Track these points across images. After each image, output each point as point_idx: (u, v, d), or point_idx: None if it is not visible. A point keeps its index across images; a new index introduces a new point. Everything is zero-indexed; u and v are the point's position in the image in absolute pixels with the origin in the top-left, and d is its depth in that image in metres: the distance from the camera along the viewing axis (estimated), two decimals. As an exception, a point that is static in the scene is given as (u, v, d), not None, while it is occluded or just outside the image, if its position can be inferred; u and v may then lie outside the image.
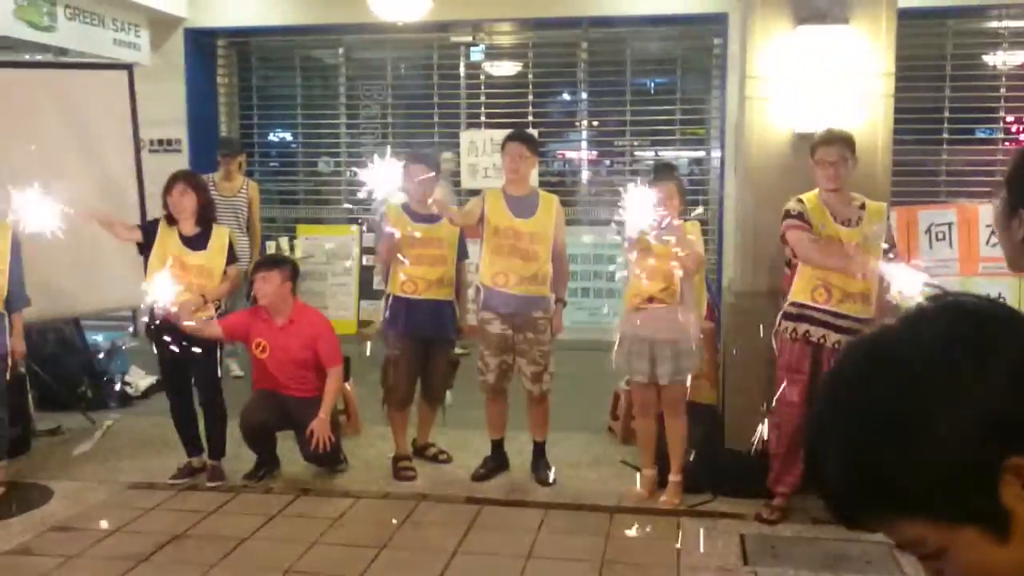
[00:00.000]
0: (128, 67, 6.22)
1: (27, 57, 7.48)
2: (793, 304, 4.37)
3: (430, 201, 4.83)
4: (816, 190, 4.36)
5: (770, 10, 4.80)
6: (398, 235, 4.90)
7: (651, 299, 4.52)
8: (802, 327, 4.33)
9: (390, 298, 5.09)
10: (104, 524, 4.46)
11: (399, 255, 4.96)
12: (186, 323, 4.75)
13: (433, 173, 5.14)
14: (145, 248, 4.94)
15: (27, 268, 4.92)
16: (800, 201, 4.38)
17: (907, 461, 0.84)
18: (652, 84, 9.26)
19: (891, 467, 0.85)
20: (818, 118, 4.65)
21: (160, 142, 8.53)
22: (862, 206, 4.36)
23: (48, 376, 6.22)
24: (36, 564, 4.04)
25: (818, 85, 4.71)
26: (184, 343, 4.86)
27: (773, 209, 4.52)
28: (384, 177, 4.29)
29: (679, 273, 4.45)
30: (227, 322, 5.01)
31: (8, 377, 4.87)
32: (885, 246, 4.29)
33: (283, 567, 3.98)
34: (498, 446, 5.17)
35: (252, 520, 4.52)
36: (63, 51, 7.53)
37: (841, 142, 4.30)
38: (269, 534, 4.39)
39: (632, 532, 4.36)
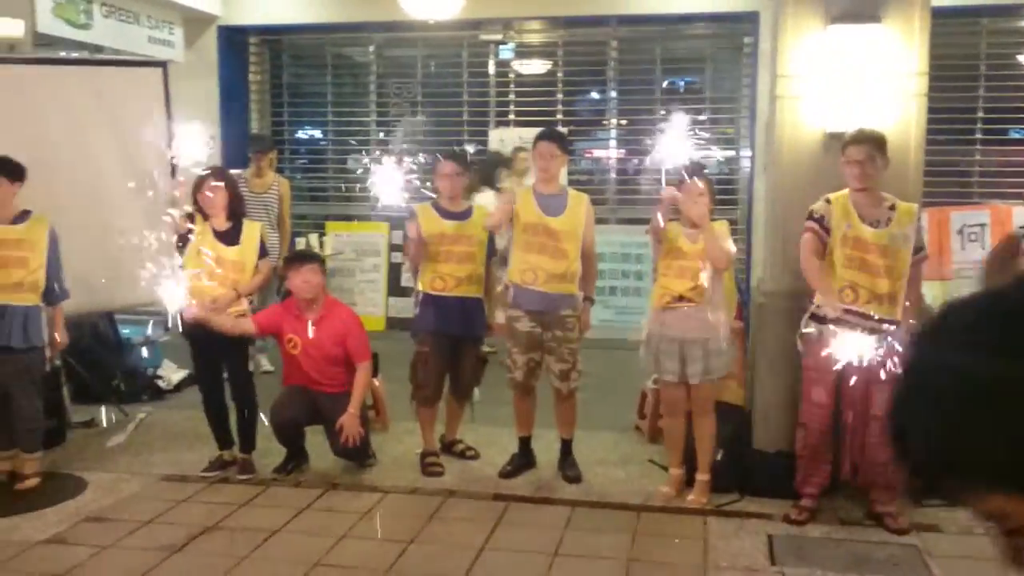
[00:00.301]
0: (163, 64, 6.30)
1: (63, 54, 7.60)
2: (820, 306, 4.36)
3: (490, 222, 4.90)
4: (847, 189, 4.35)
5: (802, 9, 4.77)
6: (426, 232, 4.94)
7: (680, 298, 4.53)
8: (828, 329, 4.31)
9: (420, 295, 5.13)
10: (137, 515, 4.53)
11: (427, 249, 5.00)
12: (219, 321, 4.81)
13: (463, 170, 5.19)
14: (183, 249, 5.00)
15: (64, 263, 4.99)
16: (827, 201, 4.37)
17: (1008, 433, 0.79)
18: (682, 83, 9.24)
19: (989, 438, 0.80)
20: (850, 117, 4.62)
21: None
22: (892, 207, 4.33)
23: (82, 369, 6.32)
24: (70, 554, 4.11)
25: (850, 84, 4.68)
26: (216, 338, 4.92)
27: (803, 209, 4.50)
28: (390, 181, 4.38)
29: (707, 272, 4.46)
30: (259, 317, 5.07)
31: (46, 369, 4.96)
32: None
33: (313, 560, 4.03)
34: (525, 443, 5.19)
35: (282, 513, 4.57)
36: (98, 48, 7.65)
37: (870, 141, 4.28)
38: (299, 527, 4.44)
39: (659, 531, 4.37)
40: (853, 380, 4.28)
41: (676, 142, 4.30)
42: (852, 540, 4.26)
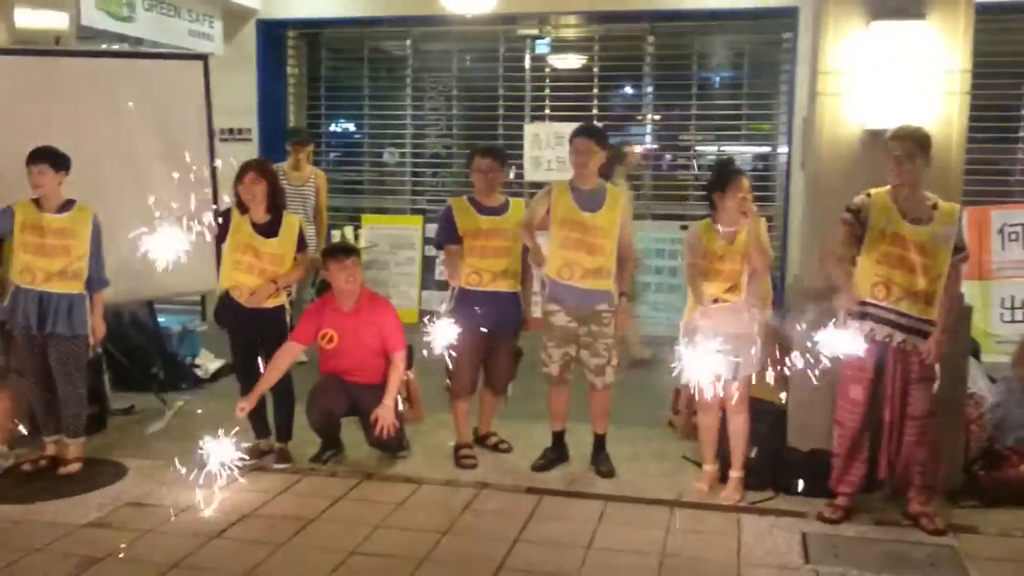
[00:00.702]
0: (203, 57, 6.37)
1: (104, 47, 7.72)
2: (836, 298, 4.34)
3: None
4: (889, 186, 4.32)
5: (843, 5, 4.73)
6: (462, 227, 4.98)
7: (716, 300, 4.52)
8: (866, 325, 4.29)
9: (455, 289, 5.16)
10: (176, 501, 4.60)
11: (463, 244, 5.04)
12: (273, 374, 4.97)
13: (499, 166, 5.20)
14: (220, 237, 5.06)
15: (104, 252, 5.07)
16: (868, 195, 4.34)
17: None
18: (718, 78, 9.20)
19: None
20: (890, 115, 4.59)
21: (231, 131, 8.73)
22: (935, 206, 4.30)
23: (122, 357, 6.43)
24: (112, 537, 4.18)
25: (891, 81, 4.64)
26: (254, 328, 4.99)
27: (841, 206, 4.47)
28: None
29: (746, 274, 4.45)
30: (298, 334, 5.10)
31: (89, 356, 5.05)
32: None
33: (349, 548, 4.08)
34: (559, 437, 5.20)
35: (318, 502, 4.62)
36: (139, 41, 7.76)
37: (911, 138, 4.24)
38: (335, 516, 4.49)
39: (692, 527, 4.37)
40: (890, 381, 4.27)
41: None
42: (888, 540, 4.24)
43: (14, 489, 4.77)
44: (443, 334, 4.80)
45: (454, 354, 5.11)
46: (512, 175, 8.94)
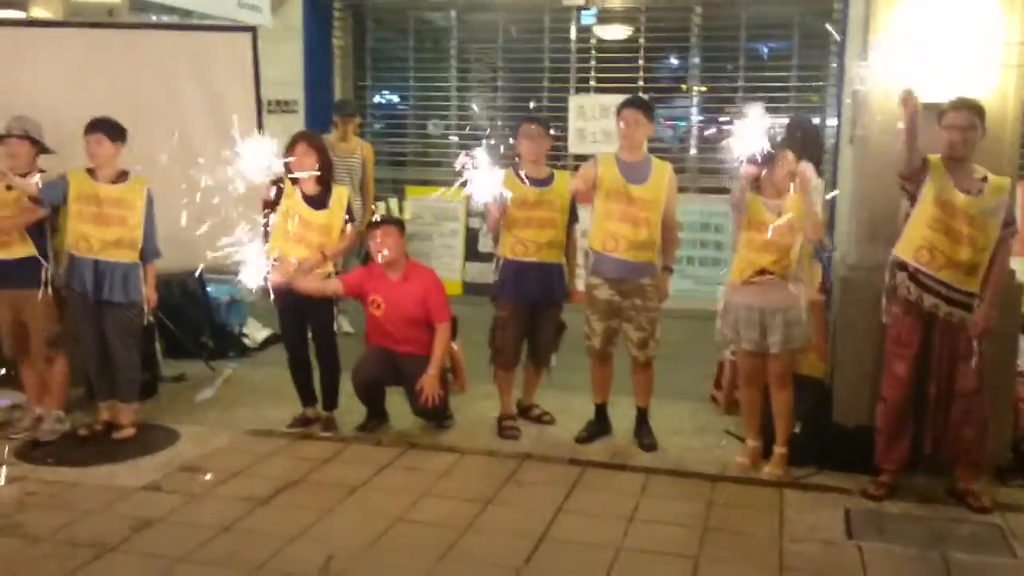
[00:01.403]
0: (252, 29, 6.42)
1: (154, 19, 7.81)
2: (898, 260, 4.30)
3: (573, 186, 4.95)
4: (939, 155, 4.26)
5: (897, -25, 4.65)
6: (509, 196, 4.96)
7: (762, 271, 4.49)
8: (915, 289, 4.24)
9: (500, 261, 5.18)
10: (226, 467, 4.72)
11: (509, 215, 5.04)
12: (304, 283, 4.94)
13: (546, 133, 5.20)
14: (271, 208, 5.13)
15: (156, 223, 5.17)
16: (924, 161, 4.27)
17: None
18: (766, 49, 9.06)
19: None
20: (943, 88, 4.50)
21: (278, 103, 8.79)
22: (984, 179, 4.23)
23: (173, 326, 6.56)
24: (165, 501, 4.30)
25: (945, 54, 4.54)
26: (302, 299, 5.06)
27: (892, 182, 4.42)
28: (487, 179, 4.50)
29: (798, 244, 4.42)
30: (346, 278, 5.19)
31: (143, 323, 5.17)
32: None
33: (394, 516, 4.15)
34: (601, 410, 5.23)
35: (364, 470, 4.70)
36: (187, 13, 7.82)
37: (971, 109, 4.19)
38: (380, 484, 4.57)
39: (734, 501, 4.39)
40: (936, 356, 4.24)
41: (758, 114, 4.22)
42: (932, 517, 4.22)
43: (71, 452, 4.92)
44: (484, 184, 4.60)
45: (498, 325, 5.17)
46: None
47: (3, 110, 5.05)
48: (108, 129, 4.91)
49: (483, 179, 4.56)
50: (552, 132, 5.41)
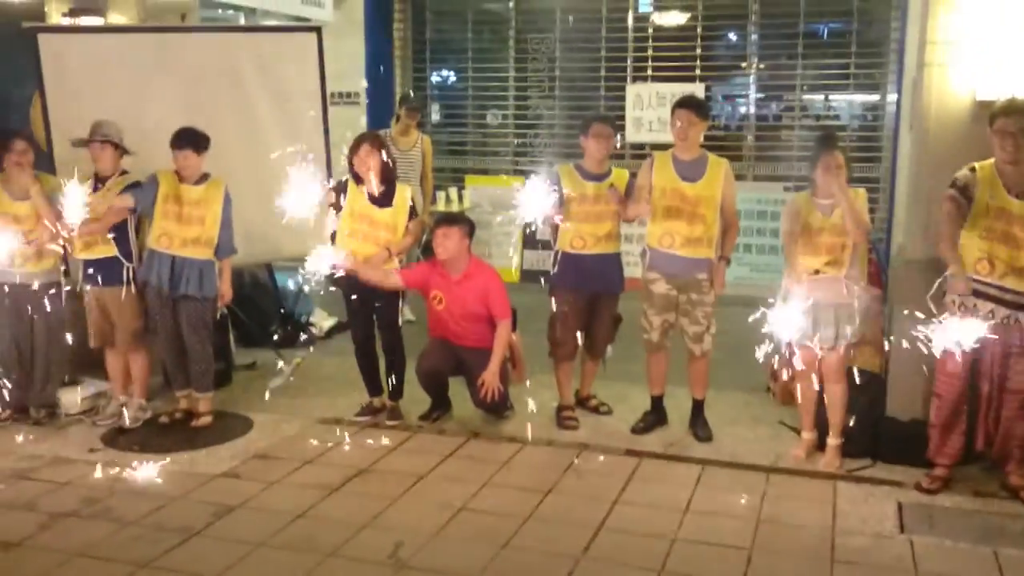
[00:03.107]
0: (317, 29, 6.61)
1: (219, 12, 8.06)
2: (950, 280, 4.33)
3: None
4: (993, 159, 4.28)
5: (956, -28, 4.66)
6: (566, 193, 5.12)
7: (816, 272, 4.57)
8: (970, 300, 4.29)
9: (559, 254, 5.32)
10: (299, 454, 4.96)
11: (568, 209, 5.19)
12: (368, 274, 5.14)
13: (613, 133, 5.31)
14: (337, 206, 5.33)
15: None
16: (972, 170, 4.30)
17: None
18: (825, 29, 9.00)
19: None
20: (1002, 85, 4.52)
21: (340, 95, 9.00)
22: None
23: (244, 316, 6.84)
24: (244, 487, 4.56)
25: (1003, 51, 4.56)
26: (369, 292, 5.26)
27: (948, 178, 4.45)
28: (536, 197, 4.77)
29: (849, 248, 4.49)
30: (407, 272, 5.37)
31: (217, 317, 5.44)
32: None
33: (457, 505, 4.35)
34: (658, 401, 5.36)
35: (428, 459, 4.91)
36: (252, 11, 8.06)
37: (1022, 113, 4.18)
38: (444, 473, 4.77)
39: (788, 493, 4.49)
40: (990, 354, 4.28)
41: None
42: (985, 512, 4.28)
43: (154, 439, 5.22)
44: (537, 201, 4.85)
45: (557, 318, 5.31)
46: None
47: (87, 114, 5.30)
48: (194, 143, 5.16)
49: (535, 200, 4.79)
50: (617, 129, 5.51)
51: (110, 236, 5.20)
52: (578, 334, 5.37)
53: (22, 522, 4.17)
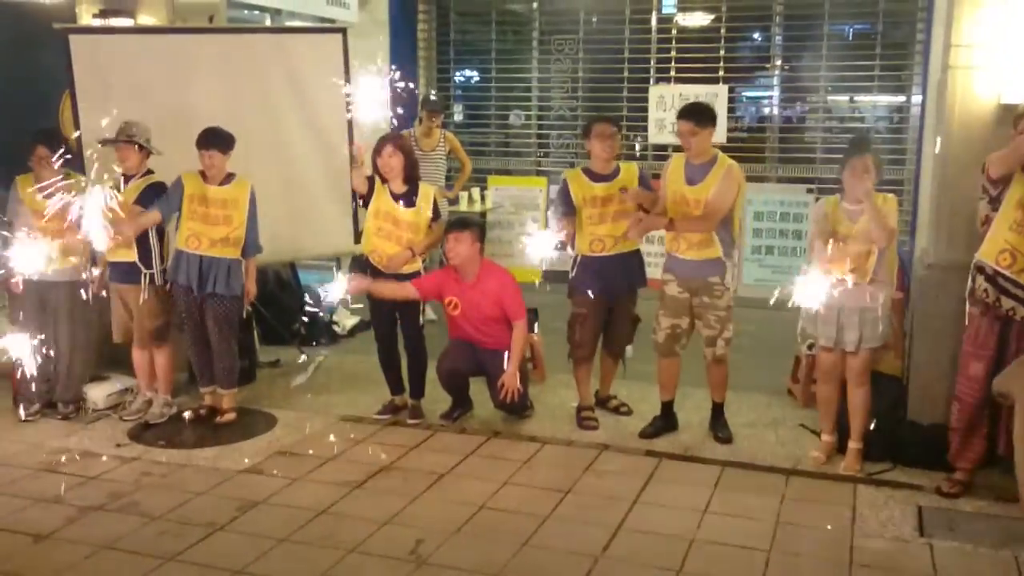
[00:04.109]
0: (342, 30, 6.66)
1: (245, 12, 8.11)
2: (978, 264, 4.33)
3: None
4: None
5: (981, -25, 4.64)
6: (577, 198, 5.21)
7: (840, 279, 4.56)
8: (993, 291, 4.28)
9: (578, 258, 5.34)
10: (321, 451, 5.02)
11: (582, 213, 5.25)
12: (380, 289, 5.25)
13: (617, 132, 5.33)
14: (368, 204, 5.39)
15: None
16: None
17: None
18: (850, 30, 8.96)
19: None
20: (1025, 90, 4.51)
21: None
22: None
23: (268, 314, 6.91)
24: (268, 483, 4.62)
25: (1029, 54, 4.54)
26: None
27: (973, 183, 4.44)
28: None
29: (873, 256, 4.48)
30: (421, 283, 5.38)
31: (243, 315, 5.51)
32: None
33: (479, 503, 4.38)
34: (668, 407, 5.33)
35: (449, 457, 4.95)
36: (278, 12, 8.12)
37: None
38: (465, 471, 4.81)
39: (808, 496, 4.50)
40: (1012, 357, 4.27)
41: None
42: (1006, 516, 4.26)
43: (179, 435, 5.30)
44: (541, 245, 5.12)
45: (576, 321, 5.34)
46: (636, 139, 9.08)
47: (116, 115, 5.38)
48: (219, 144, 5.21)
49: (541, 242, 4.99)
50: (622, 128, 5.51)
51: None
52: (598, 335, 5.40)
53: (51, 515, 4.25)
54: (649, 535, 4.10)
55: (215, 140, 5.21)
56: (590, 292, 5.25)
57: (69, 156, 5.29)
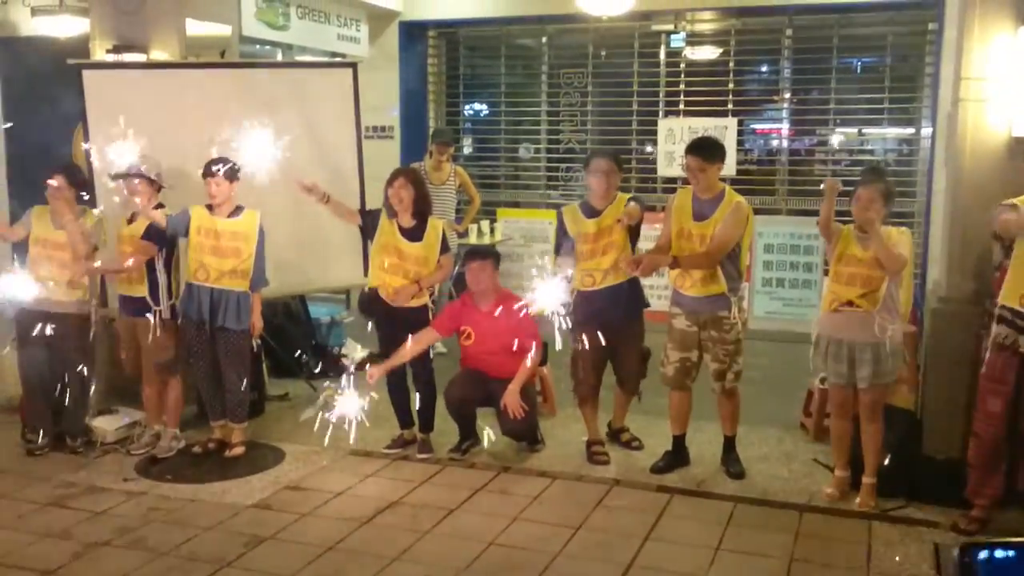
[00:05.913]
0: (353, 66, 6.71)
1: (256, 47, 8.20)
2: (1003, 308, 4.29)
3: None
4: (1032, 196, 4.25)
5: (991, 9, 4.65)
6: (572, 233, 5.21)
7: (849, 303, 4.54)
8: (1012, 333, 4.24)
9: (574, 294, 5.30)
10: (329, 486, 4.99)
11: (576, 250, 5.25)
12: (406, 356, 5.28)
13: (616, 168, 5.30)
14: (367, 234, 5.40)
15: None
16: (1014, 206, 4.26)
17: None
18: (859, 64, 9.00)
19: None
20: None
21: (375, 128, 9.12)
22: None
23: (277, 346, 6.89)
24: (276, 519, 4.58)
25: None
26: (400, 326, 5.30)
27: (984, 216, 4.43)
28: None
29: (885, 285, 4.46)
30: (440, 324, 5.39)
31: (253, 349, 5.49)
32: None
33: (488, 539, 4.34)
34: (679, 442, 5.28)
35: (458, 493, 4.90)
36: (289, 47, 8.21)
37: None
38: (474, 507, 4.76)
39: (822, 532, 4.43)
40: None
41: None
42: (1024, 554, 4.19)
43: (187, 469, 5.26)
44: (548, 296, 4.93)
45: (577, 356, 5.29)
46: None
47: (128, 149, 5.40)
48: (225, 171, 5.24)
49: (548, 292, 4.86)
50: (621, 163, 5.47)
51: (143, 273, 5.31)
52: (600, 370, 5.36)
53: (57, 550, 4.22)
54: (661, 572, 4.04)
55: (219, 167, 5.22)
56: (584, 327, 5.16)
57: (86, 196, 5.34)
